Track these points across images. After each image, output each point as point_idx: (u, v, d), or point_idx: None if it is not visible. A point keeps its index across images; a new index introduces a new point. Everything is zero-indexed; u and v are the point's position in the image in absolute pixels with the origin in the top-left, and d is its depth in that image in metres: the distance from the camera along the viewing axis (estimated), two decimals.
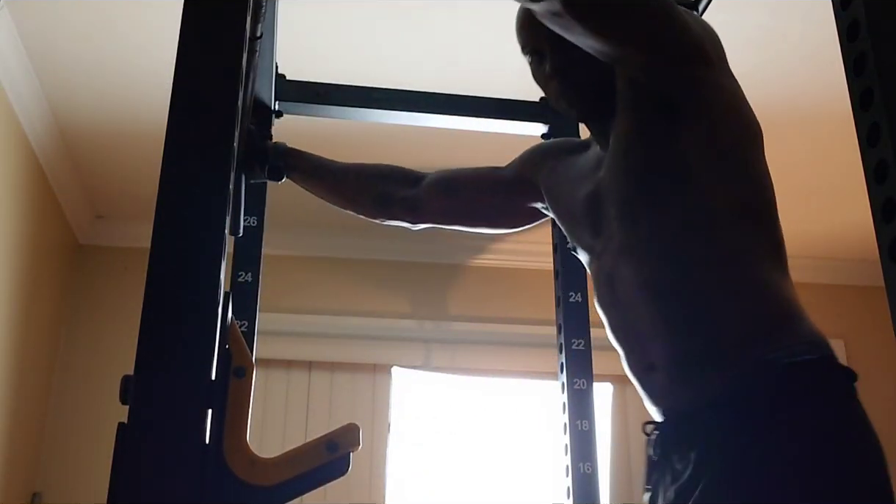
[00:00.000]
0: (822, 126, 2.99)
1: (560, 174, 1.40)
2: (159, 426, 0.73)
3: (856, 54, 0.84)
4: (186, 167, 0.82)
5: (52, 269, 3.33)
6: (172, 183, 0.81)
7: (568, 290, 1.78)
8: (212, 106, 0.84)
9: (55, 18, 2.53)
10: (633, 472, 3.59)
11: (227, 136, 0.83)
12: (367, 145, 3.00)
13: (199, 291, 0.77)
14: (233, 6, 0.89)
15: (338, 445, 0.80)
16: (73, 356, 3.41)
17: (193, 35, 0.87)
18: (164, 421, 0.73)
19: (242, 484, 0.77)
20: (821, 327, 1.20)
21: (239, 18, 0.88)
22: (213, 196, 0.81)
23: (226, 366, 0.79)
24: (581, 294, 1.78)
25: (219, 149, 0.83)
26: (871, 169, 0.81)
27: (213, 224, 0.80)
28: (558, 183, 1.40)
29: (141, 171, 3.23)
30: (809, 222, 3.62)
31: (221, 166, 0.82)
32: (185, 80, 0.85)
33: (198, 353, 0.76)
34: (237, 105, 0.85)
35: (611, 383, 3.65)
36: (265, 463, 0.79)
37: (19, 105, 2.77)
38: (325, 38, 2.60)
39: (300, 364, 3.55)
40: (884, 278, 0.79)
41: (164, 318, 0.76)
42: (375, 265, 3.75)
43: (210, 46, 0.87)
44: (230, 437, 0.77)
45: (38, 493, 3.20)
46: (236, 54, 0.87)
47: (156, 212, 0.80)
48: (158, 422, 0.73)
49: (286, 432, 3.43)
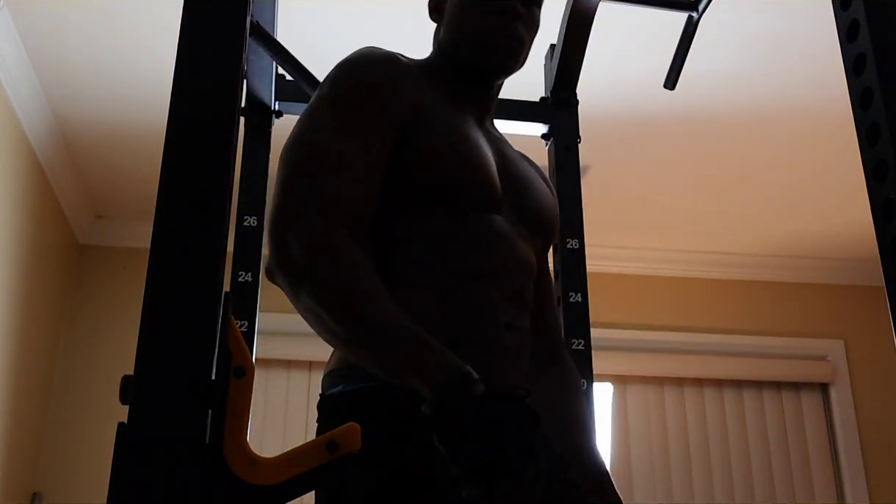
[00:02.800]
0: (821, 126, 2.99)
1: (434, 114, 1.22)
2: (159, 426, 0.73)
3: (856, 54, 0.84)
4: (186, 167, 0.82)
5: (52, 269, 3.33)
6: (172, 183, 0.81)
7: (568, 290, 1.78)
8: (212, 105, 0.84)
9: (55, 18, 2.53)
10: (633, 472, 3.59)
11: (227, 136, 0.83)
12: None
13: (199, 291, 0.77)
14: (233, 6, 0.89)
15: (338, 445, 0.80)
16: (73, 356, 3.41)
17: (193, 35, 0.87)
18: (164, 421, 0.73)
19: (242, 484, 0.77)
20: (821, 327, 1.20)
21: (239, 18, 0.88)
22: (213, 196, 0.81)
23: (226, 366, 0.79)
24: (581, 294, 1.78)
25: (219, 149, 0.83)
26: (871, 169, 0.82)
27: (213, 224, 0.80)
28: (436, 120, 1.23)
29: (141, 171, 3.23)
30: (809, 222, 3.62)
31: (222, 166, 0.82)
32: (185, 80, 0.85)
33: (198, 353, 0.76)
34: (237, 104, 0.85)
35: (611, 383, 3.65)
36: (265, 463, 0.78)
37: (19, 105, 2.77)
38: (325, 38, 2.60)
39: (300, 364, 3.56)
40: (884, 278, 0.79)
41: (164, 317, 0.76)
42: None
43: (210, 46, 0.87)
44: (230, 437, 0.77)
45: (38, 493, 3.20)
46: (236, 54, 0.87)
47: (156, 212, 0.80)
48: (158, 422, 0.73)
49: (286, 432, 3.43)
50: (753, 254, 3.90)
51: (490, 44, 1.26)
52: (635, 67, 2.70)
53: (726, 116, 2.97)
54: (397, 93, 1.18)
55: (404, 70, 1.21)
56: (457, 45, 1.29)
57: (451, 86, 1.28)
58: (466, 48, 1.28)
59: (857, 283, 3.94)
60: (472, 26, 1.27)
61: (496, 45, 1.26)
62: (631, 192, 3.44)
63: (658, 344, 3.73)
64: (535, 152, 1.51)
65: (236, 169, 1.08)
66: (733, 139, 3.09)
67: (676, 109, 2.93)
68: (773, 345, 3.82)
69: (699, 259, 3.90)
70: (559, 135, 1.87)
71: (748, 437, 3.72)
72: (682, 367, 3.74)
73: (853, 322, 3.90)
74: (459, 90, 1.29)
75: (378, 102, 1.16)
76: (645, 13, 2.21)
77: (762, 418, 3.76)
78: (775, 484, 3.67)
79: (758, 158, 3.19)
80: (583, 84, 1.89)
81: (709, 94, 2.86)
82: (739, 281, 3.94)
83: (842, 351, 3.86)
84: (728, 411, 3.75)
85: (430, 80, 1.26)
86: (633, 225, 3.67)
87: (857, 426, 3.77)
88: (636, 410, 3.65)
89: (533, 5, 1.29)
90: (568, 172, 1.84)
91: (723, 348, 3.80)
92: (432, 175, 1.17)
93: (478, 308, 1.14)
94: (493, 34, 1.26)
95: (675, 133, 3.07)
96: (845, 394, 3.81)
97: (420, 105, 1.19)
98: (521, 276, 1.22)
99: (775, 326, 3.87)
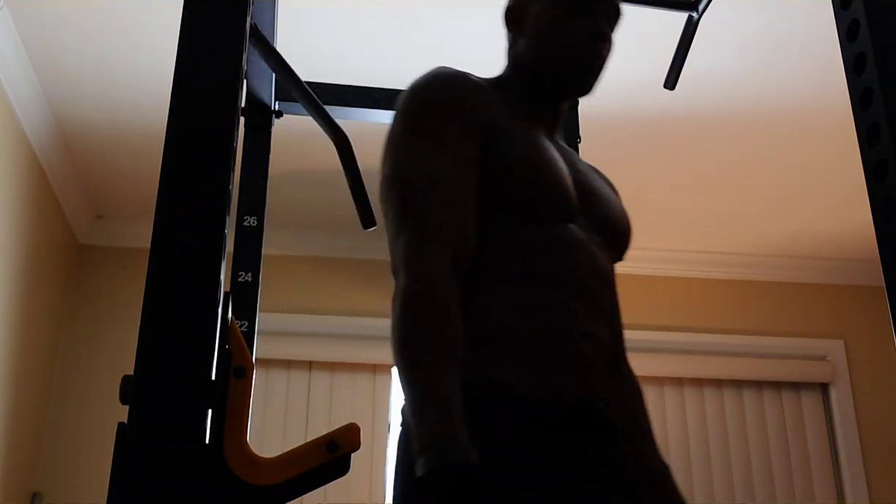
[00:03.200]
0: (821, 126, 2.99)
1: (511, 127, 1.24)
2: (159, 426, 0.73)
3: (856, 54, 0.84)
4: (186, 167, 0.82)
5: (52, 268, 3.33)
6: (172, 183, 0.81)
7: None
8: (212, 105, 0.84)
9: (55, 18, 2.53)
10: None
11: (226, 136, 0.83)
12: (367, 145, 3.00)
13: (199, 291, 0.77)
14: (233, 6, 0.89)
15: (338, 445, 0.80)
16: (73, 356, 3.41)
17: (193, 35, 0.87)
18: (164, 421, 0.73)
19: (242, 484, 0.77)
20: (821, 327, 1.20)
21: (239, 18, 0.88)
22: (213, 196, 0.81)
23: (226, 366, 0.79)
24: None
25: (219, 149, 0.83)
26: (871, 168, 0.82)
27: (212, 224, 0.80)
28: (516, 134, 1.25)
29: (141, 170, 3.23)
30: (809, 222, 3.62)
31: (222, 166, 0.82)
32: (185, 80, 0.85)
33: (198, 353, 0.76)
34: (237, 104, 0.85)
35: None
36: (265, 463, 0.78)
37: (19, 105, 2.77)
38: (326, 38, 2.61)
39: (300, 364, 3.55)
40: (884, 278, 0.79)
41: (164, 317, 0.76)
42: (376, 265, 3.75)
43: (210, 46, 0.87)
44: (230, 437, 0.77)
45: (38, 492, 3.20)
46: (236, 54, 0.87)
47: (156, 212, 0.80)
48: (158, 422, 0.73)
49: (286, 432, 3.43)
50: (753, 254, 3.90)
51: (578, 65, 1.27)
52: (635, 67, 2.70)
53: (726, 116, 2.97)
54: (473, 110, 1.20)
55: (475, 87, 1.23)
56: (540, 61, 1.30)
57: (525, 100, 1.30)
58: (551, 66, 1.29)
59: (857, 283, 3.94)
60: (560, 46, 1.28)
61: (584, 67, 1.27)
62: (631, 192, 3.43)
63: (658, 344, 3.73)
64: None
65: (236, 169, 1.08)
66: (733, 139, 3.09)
67: (676, 109, 2.93)
68: (773, 345, 3.82)
69: (699, 259, 3.90)
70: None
71: (748, 437, 3.72)
72: (681, 367, 3.74)
73: (853, 322, 3.90)
74: (533, 104, 1.30)
75: (457, 122, 1.19)
76: (645, 13, 2.22)
77: (762, 418, 3.76)
78: (775, 484, 3.67)
79: (758, 158, 3.19)
80: None
81: (709, 94, 2.86)
82: (739, 281, 3.94)
83: (842, 351, 3.85)
84: (728, 411, 3.75)
85: (502, 94, 1.28)
86: (633, 225, 3.66)
87: (857, 426, 3.76)
88: None
89: (614, 30, 1.32)
90: None
91: (723, 348, 3.80)
92: (511, 187, 1.19)
93: (556, 316, 1.16)
94: (582, 56, 1.27)
95: (675, 133, 3.07)
96: (845, 394, 3.81)
97: (495, 120, 1.21)
98: (598, 284, 1.23)
99: (775, 326, 3.87)
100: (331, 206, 3.47)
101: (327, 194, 3.35)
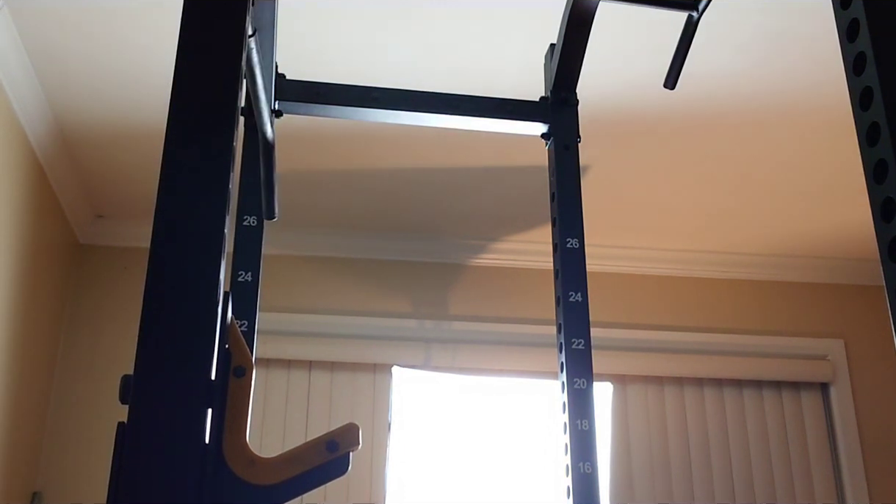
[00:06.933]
0: (821, 126, 3.00)
1: None
2: (159, 426, 0.73)
3: (856, 54, 0.84)
4: (186, 167, 0.82)
5: (52, 268, 3.33)
6: (172, 183, 0.81)
7: (568, 290, 1.78)
8: (212, 106, 0.84)
9: (55, 18, 2.53)
10: (633, 472, 3.59)
11: (227, 136, 0.83)
12: (368, 145, 3.01)
13: (199, 291, 0.77)
14: (233, 6, 0.89)
15: (338, 445, 0.80)
16: (73, 356, 3.42)
17: (193, 35, 0.87)
18: (164, 421, 0.73)
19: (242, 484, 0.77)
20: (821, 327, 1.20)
21: (239, 18, 0.88)
22: (213, 196, 0.81)
23: (226, 366, 0.79)
24: (581, 294, 1.78)
25: (219, 148, 0.83)
26: (871, 168, 0.81)
27: (212, 223, 0.80)
28: None
29: (141, 170, 3.23)
30: (809, 222, 3.62)
31: (222, 166, 0.82)
32: (185, 80, 0.85)
33: (198, 353, 0.76)
34: (237, 104, 0.85)
35: (611, 383, 3.65)
36: (265, 463, 0.79)
37: (19, 105, 2.77)
38: (325, 38, 2.60)
39: (300, 364, 3.56)
40: (884, 278, 0.79)
41: (164, 317, 0.76)
42: (376, 265, 3.75)
43: (210, 46, 0.87)
44: (230, 437, 0.77)
45: (38, 492, 3.20)
46: (236, 54, 0.87)
47: (155, 212, 0.80)
48: (158, 422, 0.73)
49: (286, 432, 3.43)
50: (753, 253, 3.90)
51: None
52: (635, 67, 2.70)
53: (726, 116, 2.97)
54: None
55: None
56: None
57: None
58: None
59: (857, 283, 3.94)
60: None
61: None
62: (631, 191, 3.44)
63: (658, 343, 3.74)
64: (535, 152, 1.52)
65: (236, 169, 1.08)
66: (733, 138, 3.09)
67: (676, 109, 2.93)
68: (773, 344, 3.83)
69: (699, 258, 3.90)
70: (559, 134, 1.87)
71: (748, 437, 3.72)
72: (681, 366, 3.74)
73: (853, 322, 3.90)
74: None
75: None
76: (645, 13, 2.22)
77: (762, 418, 3.76)
78: (775, 484, 3.67)
79: (757, 158, 3.19)
80: (583, 83, 1.89)
81: (709, 94, 2.86)
82: (739, 280, 3.94)
83: (842, 350, 3.86)
84: (728, 411, 3.75)
85: None
86: (633, 224, 3.67)
87: (857, 426, 3.77)
88: (636, 410, 3.65)
89: None
90: (568, 172, 1.84)
91: (723, 348, 3.80)
92: None
93: None
94: None
95: (675, 132, 3.07)
96: (845, 393, 3.81)
97: None
98: None
99: (775, 326, 3.87)
100: (331, 206, 3.47)
101: (327, 194, 3.36)
